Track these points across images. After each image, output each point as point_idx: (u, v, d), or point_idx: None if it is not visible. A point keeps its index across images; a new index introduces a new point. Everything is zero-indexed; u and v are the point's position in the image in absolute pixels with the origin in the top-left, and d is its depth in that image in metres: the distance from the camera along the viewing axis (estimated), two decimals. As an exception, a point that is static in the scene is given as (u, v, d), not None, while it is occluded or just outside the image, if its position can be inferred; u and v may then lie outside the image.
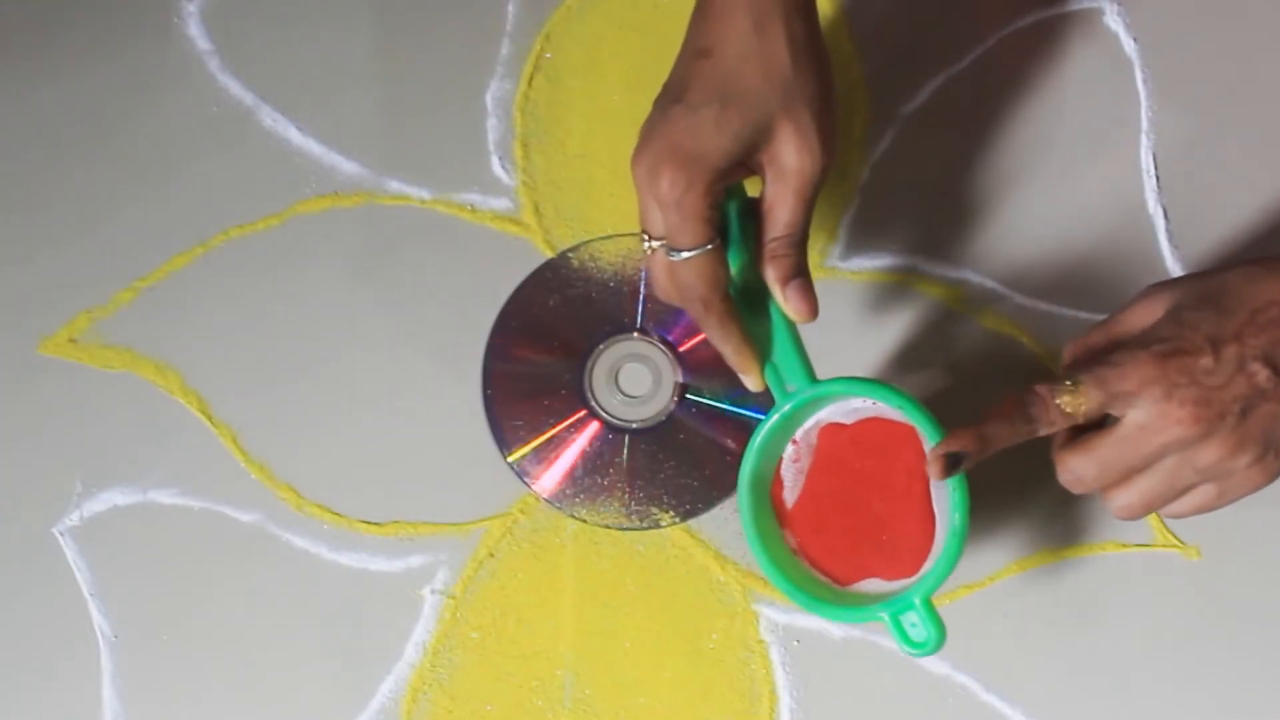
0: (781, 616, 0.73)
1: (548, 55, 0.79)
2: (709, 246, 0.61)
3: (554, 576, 0.74)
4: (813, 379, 0.64)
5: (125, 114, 0.80)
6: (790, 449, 0.66)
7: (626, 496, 0.74)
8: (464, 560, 0.74)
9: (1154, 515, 0.72)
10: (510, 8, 0.80)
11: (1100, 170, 0.76)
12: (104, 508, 0.75)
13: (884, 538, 0.64)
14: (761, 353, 0.64)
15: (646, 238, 0.63)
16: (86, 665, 0.74)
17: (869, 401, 0.64)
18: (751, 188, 0.64)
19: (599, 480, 0.75)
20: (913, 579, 0.62)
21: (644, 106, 0.78)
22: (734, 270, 0.64)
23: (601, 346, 0.76)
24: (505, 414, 0.76)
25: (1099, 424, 0.60)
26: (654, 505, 0.74)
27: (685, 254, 0.61)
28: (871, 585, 0.64)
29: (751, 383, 0.65)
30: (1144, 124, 0.77)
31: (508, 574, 0.74)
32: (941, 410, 0.61)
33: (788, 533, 0.66)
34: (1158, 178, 0.76)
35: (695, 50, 0.62)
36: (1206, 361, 0.57)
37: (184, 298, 0.77)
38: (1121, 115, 0.77)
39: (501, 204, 0.78)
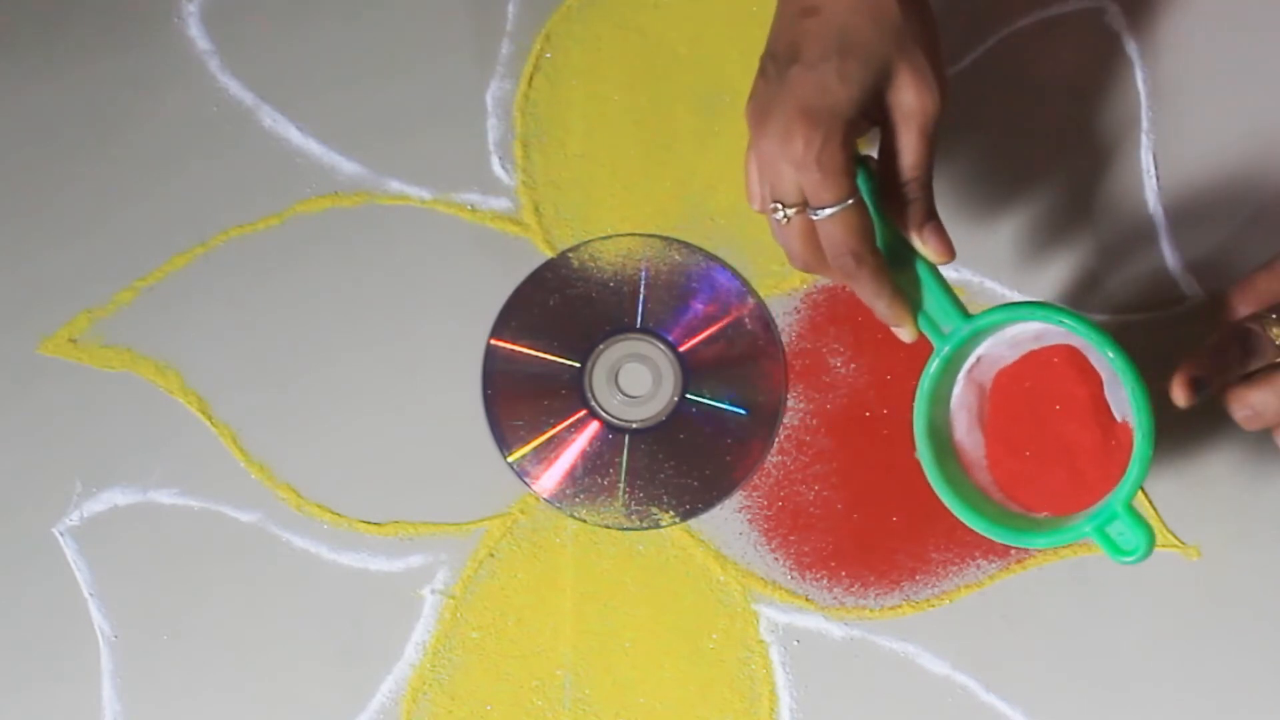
0: (781, 616, 0.73)
1: (548, 55, 0.79)
2: (850, 200, 0.61)
3: (554, 576, 0.74)
4: (966, 315, 0.65)
5: (125, 114, 0.80)
6: (958, 390, 0.66)
7: (626, 496, 0.74)
8: (464, 560, 0.74)
9: (1153, 514, 0.72)
10: (510, 8, 0.80)
11: (1100, 170, 0.76)
12: (104, 508, 0.75)
13: (1073, 464, 0.64)
14: (912, 303, 0.65)
15: (779, 208, 0.62)
16: (86, 665, 0.74)
17: (1028, 328, 0.64)
18: (864, 147, 0.65)
19: (599, 480, 0.75)
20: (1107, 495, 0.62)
21: (644, 106, 0.78)
22: None
23: (601, 346, 0.76)
24: (505, 414, 0.76)
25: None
26: (654, 505, 0.74)
27: (831, 210, 0.61)
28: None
29: (906, 334, 0.65)
30: (1144, 124, 0.77)
31: (508, 574, 0.74)
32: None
33: (973, 473, 0.66)
34: (1158, 178, 0.76)
35: (799, 10, 0.62)
36: None
37: (184, 298, 0.77)
38: (1121, 115, 0.77)
39: (501, 204, 0.78)
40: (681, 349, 0.76)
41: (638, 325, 0.76)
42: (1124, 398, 0.62)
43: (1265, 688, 0.71)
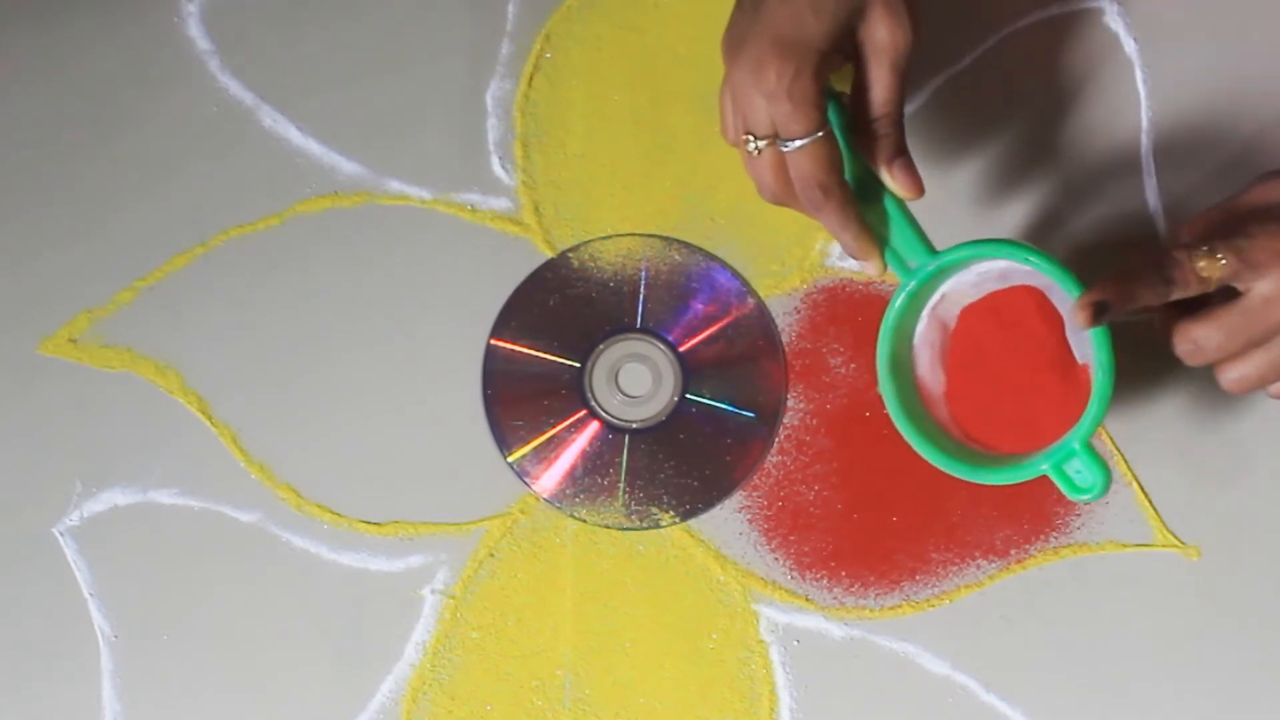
0: (781, 616, 0.73)
1: (548, 55, 0.79)
2: (821, 133, 0.62)
3: (554, 576, 0.74)
4: (933, 251, 0.65)
5: (125, 114, 0.80)
6: (922, 327, 0.66)
7: (626, 496, 0.74)
8: (464, 560, 0.74)
9: (1153, 514, 0.72)
10: (510, 8, 0.80)
11: (1100, 170, 0.76)
12: (104, 508, 0.75)
13: (1032, 403, 0.65)
14: (879, 239, 0.65)
15: (751, 139, 0.63)
16: (86, 665, 0.74)
17: (993, 266, 0.65)
18: (838, 84, 0.65)
19: (599, 480, 0.75)
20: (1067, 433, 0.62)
21: (644, 106, 0.78)
22: None
23: (601, 346, 0.76)
24: (505, 414, 0.76)
25: (1210, 298, 0.61)
26: (654, 505, 0.74)
27: (800, 142, 0.62)
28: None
29: (873, 268, 0.65)
30: (1144, 124, 0.77)
31: (508, 574, 0.74)
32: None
33: (934, 410, 0.66)
34: (1157, 177, 0.76)
35: None
36: None
37: (184, 298, 0.77)
38: (1121, 115, 0.77)
39: (501, 204, 0.78)
40: (681, 349, 0.76)
41: (638, 325, 0.76)
42: (1085, 339, 0.62)
43: (1265, 688, 0.71)
